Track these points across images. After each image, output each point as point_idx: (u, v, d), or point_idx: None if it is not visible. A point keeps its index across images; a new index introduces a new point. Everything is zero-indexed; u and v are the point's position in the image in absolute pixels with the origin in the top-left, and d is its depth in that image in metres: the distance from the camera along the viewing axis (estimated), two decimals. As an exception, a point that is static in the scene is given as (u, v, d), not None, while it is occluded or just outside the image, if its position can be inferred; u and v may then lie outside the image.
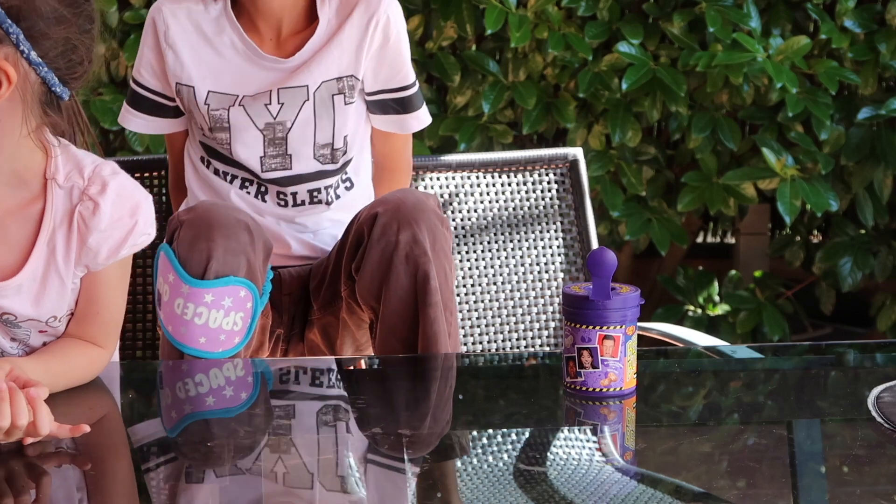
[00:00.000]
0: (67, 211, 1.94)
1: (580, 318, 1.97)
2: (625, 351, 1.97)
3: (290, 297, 2.52)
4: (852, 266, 3.88)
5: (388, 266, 2.31)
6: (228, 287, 2.24)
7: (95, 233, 1.94)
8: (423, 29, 3.74)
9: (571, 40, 3.59)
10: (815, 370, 2.27)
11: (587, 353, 1.96)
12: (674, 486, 1.71)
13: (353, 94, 2.48)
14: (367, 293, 2.35)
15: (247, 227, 2.28)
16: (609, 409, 1.97)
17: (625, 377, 1.97)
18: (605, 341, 1.96)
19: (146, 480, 1.72)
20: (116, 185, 1.96)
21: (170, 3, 2.49)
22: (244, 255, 2.26)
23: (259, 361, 2.32)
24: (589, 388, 1.97)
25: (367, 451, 1.83)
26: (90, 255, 1.95)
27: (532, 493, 1.68)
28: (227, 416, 1.97)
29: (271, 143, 2.47)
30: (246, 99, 2.46)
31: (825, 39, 3.70)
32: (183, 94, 2.48)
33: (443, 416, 1.99)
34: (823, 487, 1.72)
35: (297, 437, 1.88)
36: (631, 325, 1.97)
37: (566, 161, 2.79)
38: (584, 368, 1.97)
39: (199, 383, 2.14)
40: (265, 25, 2.48)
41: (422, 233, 2.31)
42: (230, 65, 2.47)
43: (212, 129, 2.47)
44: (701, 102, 3.75)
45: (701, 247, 4.63)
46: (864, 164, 3.77)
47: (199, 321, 2.23)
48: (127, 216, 1.96)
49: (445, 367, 2.26)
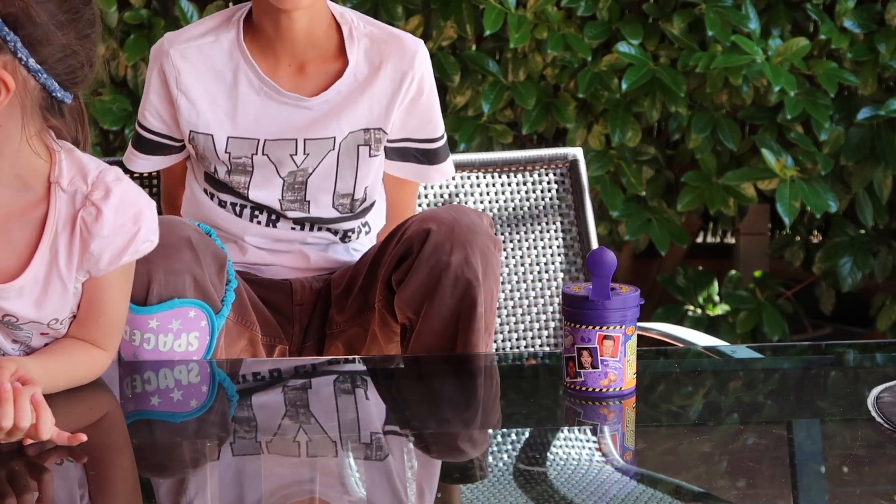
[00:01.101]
0: (70, 215, 1.93)
1: (580, 318, 1.97)
2: (624, 351, 1.96)
3: (301, 307, 2.47)
4: (852, 266, 3.88)
5: (436, 285, 2.24)
6: (174, 310, 2.16)
7: (98, 239, 1.93)
8: (423, 29, 3.73)
9: (571, 41, 3.59)
10: (814, 370, 2.27)
11: (587, 353, 1.96)
12: (674, 486, 1.71)
13: (378, 147, 2.42)
14: (407, 305, 2.29)
15: (189, 244, 2.18)
16: (609, 409, 1.96)
17: (625, 377, 1.97)
18: (604, 341, 1.96)
19: (146, 479, 1.72)
20: (120, 192, 1.95)
21: (177, 44, 2.39)
22: (188, 273, 2.17)
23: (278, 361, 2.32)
24: (589, 388, 1.97)
25: (366, 451, 1.83)
26: (92, 260, 1.94)
27: (532, 493, 1.68)
28: (221, 416, 1.98)
29: (290, 189, 2.41)
30: (269, 144, 2.38)
31: (825, 40, 3.70)
32: (199, 141, 2.39)
33: (444, 416, 1.99)
34: (823, 487, 1.72)
35: (296, 436, 1.88)
36: (631, 325, 1.97)
37: (566, 161, 2.78)
38: (583, 368, 1.97)
39: (184, 383, 2.14)
40: (285, 53, 2.38)
41: (474, 256, 2.24)
42: (248, 105, 2.38)
43: (230, 173, 2.40)
44: (701, 102, 3.75)
45: (701, 247, 4.63)
46: (864, 164, 3.77)
47: (149, 346, 2.16)
48: (130, 223, 1.95)
49: (446, 368, 2.26)
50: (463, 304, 2.25)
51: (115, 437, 1.89)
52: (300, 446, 1.83)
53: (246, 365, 2.27)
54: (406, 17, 3.71)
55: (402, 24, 3.69)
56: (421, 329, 2.28)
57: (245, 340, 2.38)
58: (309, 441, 1.84)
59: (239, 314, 2.36)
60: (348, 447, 1.83)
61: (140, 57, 3.66)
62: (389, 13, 3.65)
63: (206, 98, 2.38)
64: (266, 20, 2.37)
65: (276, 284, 2.47)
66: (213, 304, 2.21)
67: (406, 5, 3.71)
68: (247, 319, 2.37)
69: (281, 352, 2.45)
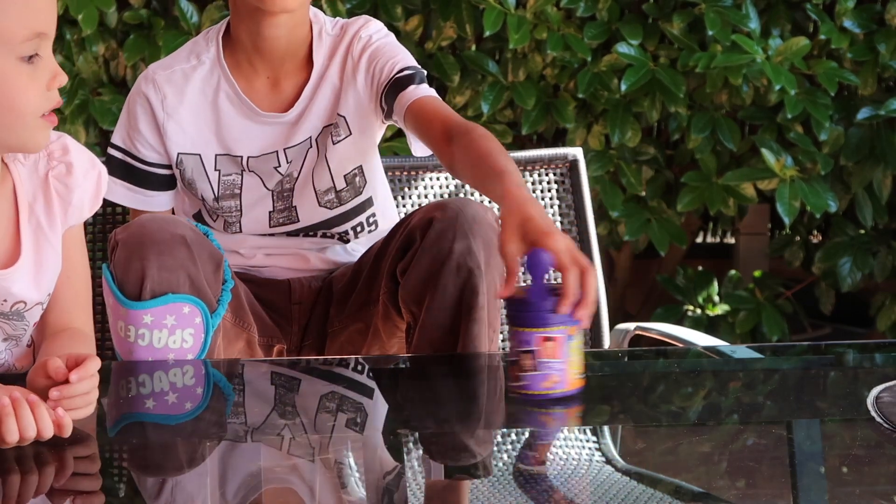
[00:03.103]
0: (39, 182, 1.97)
1: (519, 321, 1.93)
2: (567, 352, 1.92)
3: (300, 306, 2.47)
4: (852, 266, 3.89)
5: (438, 274, 2.23)
6: (168, 305, 2.15)
7: (76, 189, 2.00)
8: (423, 29, 3.74)
9: (570, 41, 3.60)
10: (814, 370, 2.27)
11: (528, 356, 1.92)
12: (674, 486, 1.71)
13: (338, 133, 2.40)
14: (410, 297, 2.28)
15: (184, 241, 2.18)
16: (549, 412, 1.94)
17: (567, 379, 1.93)
18: (545, 343, 1.91)
19: (149, 481, 1.72)
20: (70, 143, 2.03)
21: (161, 70, 2.41)
22: (183, 270, 2.17)
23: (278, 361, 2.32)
24: (531, 390, 1.93)
25: (363, 451, 1.83)
26: (76, 212, 2.00)
27: (476, 492, 1.68)
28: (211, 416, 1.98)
29: (279, 198, 2.42)
30: (252, 161, 2.40)
31: (825, 40, 3.70)
32: (187, 164, 2.40)
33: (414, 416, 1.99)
34: (823, 487, 1.72)
35: (294, 436, 1.88)
36: (573, 325, 1.92)
37: (566, 161, 2.78)
38: (525, 371, 1.92)
39: (171, 383, 2.14)
40: (262, 65, 2.40)
41: (476, 245, 2.22)
42: (231, 122, 2.40)
43: (218, 199, 2.41)
44: (700, 102, 3.75)
45: (701, 247, 4.63)
46: (864, 164, 3.77)
47: (143, 342, 2.15)
48: (90, 166, 2.03)
49: (436, 368, 2.26)
50: (465, 293, 2.23)
51: (104, 439, 1.89)
52: (283, 443, 1.83)
53: (241, 365, 2.27)
54: (406, 17, 3.71)
55: (401, 24, 3.70)
56: (424, 320, 2.26)
57: (242, 342, 2.38)
58: (292, 439, 1.84)
59: (237, 316, 2.36)
60: (347, 447, 1.84)
61: (140, 57, 3.66)
62: (389, 13, 3.66)
63: (191, 117, 2.39)
64: (244, 30, 2.37)
65: (274, 283, 2.47)
66: (209, 303, 2.20)
67: (405, 6, 3.71)
68: (244, 321, 2.37)
69: (279, 351, 2.45)
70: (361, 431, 1.91)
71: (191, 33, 3.61)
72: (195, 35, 3.58)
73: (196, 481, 1.71)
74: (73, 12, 3.57)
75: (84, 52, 3.68)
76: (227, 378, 2.20)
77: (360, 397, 2.10)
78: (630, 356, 2.46)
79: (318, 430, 1.91)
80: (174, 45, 3.52)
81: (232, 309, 2.33)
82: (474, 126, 2.24)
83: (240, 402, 2.07)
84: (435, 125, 2.28)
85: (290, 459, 1.79)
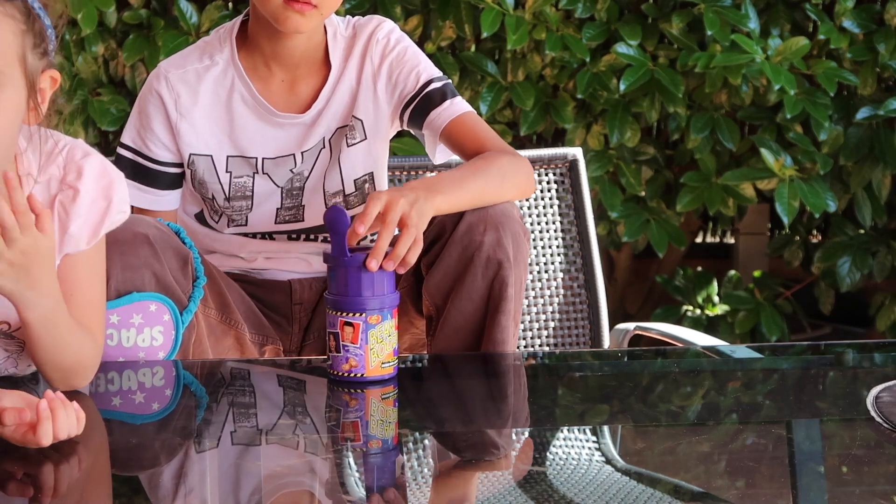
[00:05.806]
0: (48, 203, 1.92)
1: (329, 302, 2.05)
2: (366, 339, 2.02)
3: (301, 306, 2.47)
4: (851, 266, 3.89)
5: (468, 265, 2.24)
6: (133, 304, 2.15)
7: (76, 219, 1.94)
8: (422, 29, 3.74)
9: (569, 41, 3.60)
10: (814, 370, 2.27)
11: (332, 338, 2.04)
12: (673, 486, 1.71)
13: (354, 135, 2.41)
14: (437, 290, 2.29)
15: (146, 240, 2.17)
16: (350, 394, 2.03)
17: (367, 364, 2.03)
18: (345, 327, 2.03)
19: (149, 480, 1.72)
20: (91, 167, 1.95)
21: (174, 69, 2.40)
22: (147, 268, 2.16)
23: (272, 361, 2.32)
24: (333, 370, 2.06)
25: (361, 452, 1.83)
26: (72, 242, 1.94)
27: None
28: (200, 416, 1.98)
29: (288, 195, 2.42)
30: (267, 163, 2.40)
31: (824, 40, 3.70)
32: (198, 165, 2.40)
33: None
34: (823, 487, 1.72)
35: (294, 436, 1.88)
36: (374, 314, 2.02)
37: (566, 161, 2.78)
38: (330, 352, 2.05)
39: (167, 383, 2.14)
40: (279, 68, 2.40)
41: (506, 238, 2.24)
42: (245, 123, 2.39)
43: (229, 199, 2.41)
44: (700, 102, 3.75)
45: (700, 247, 4.63)
46: (863, 164, 3.77)
47: (112, 342, 2.14)
48: (101, 197, 1.96)
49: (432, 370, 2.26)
50: (494, 285, 2.25)
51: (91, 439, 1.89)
52: (268, 444, 1.83)
53: (220, 365, 2.27)
54: (405, 17, 3.71)
55: (400, 24, 3.69)
56: (450, 311, 2.27)
57: (231, 339, 2.38)
58: (267, 437, 1.84)
59: (222, 312, 2.36)
60: (347, 447, 1.84)
61: (139, 57, 3.66)
62: (388, 14, 3.66)
63: (204, 118, 2.39)
64: (263, 36, 2.38)
65: (274, 284, 2.47)
66: (178, 300, 2.20)
67: (405, 6, 3.71)
68: (231, 318, 2.37)
69: (273, 351, 2.45)
70: (361, 431, 1.91)
71: (190, 33, 3.61)
72: (195, 35, 3.60)
73: (190, 482, 1.71)
74: (73, 12, 3.57)
75: (83, 53, 3.68)
76: (199, 380, 2.20)
77: (359, 397, 2.10)
78: (629, 356, 2.46)
79: (319, 431, 1.91)
80: (173, 46, 3.53)
81: (217, 305, 2.33)
82: (504, 152, 2.37)
83: (243, 403, 2.07)
84: (467, 147, 2.38)
85: (288, 460, 1.79)
